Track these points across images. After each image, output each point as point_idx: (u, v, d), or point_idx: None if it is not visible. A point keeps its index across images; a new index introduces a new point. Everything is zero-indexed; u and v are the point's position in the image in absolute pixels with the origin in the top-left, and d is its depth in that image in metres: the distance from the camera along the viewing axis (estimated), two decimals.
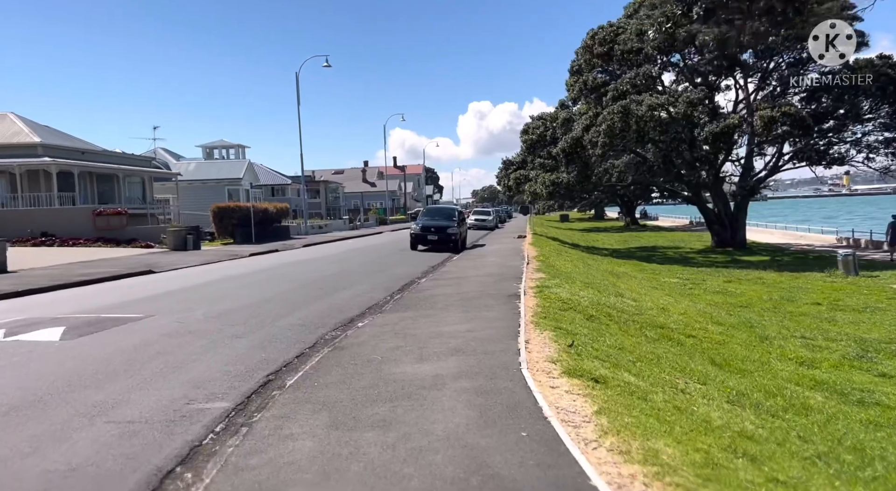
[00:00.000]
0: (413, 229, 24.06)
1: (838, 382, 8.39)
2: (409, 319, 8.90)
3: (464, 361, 6.12)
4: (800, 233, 38.53)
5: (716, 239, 31.28)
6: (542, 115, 33.57)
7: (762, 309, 14.93)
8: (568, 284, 12.46)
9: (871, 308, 14.33)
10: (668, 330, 10.05)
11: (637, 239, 41.04)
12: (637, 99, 26.02)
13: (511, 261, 17.55)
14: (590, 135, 26.88)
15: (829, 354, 10.06)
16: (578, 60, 30.59)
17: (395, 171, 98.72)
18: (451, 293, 11.32)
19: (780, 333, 11.56)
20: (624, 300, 11.82)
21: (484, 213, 45.59)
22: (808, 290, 17.71)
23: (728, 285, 19.11)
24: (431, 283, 13.35)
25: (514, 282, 12.46)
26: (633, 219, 61.40)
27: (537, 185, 29.51)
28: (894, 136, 26.57)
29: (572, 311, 9.58)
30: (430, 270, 16.57)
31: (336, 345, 7.50)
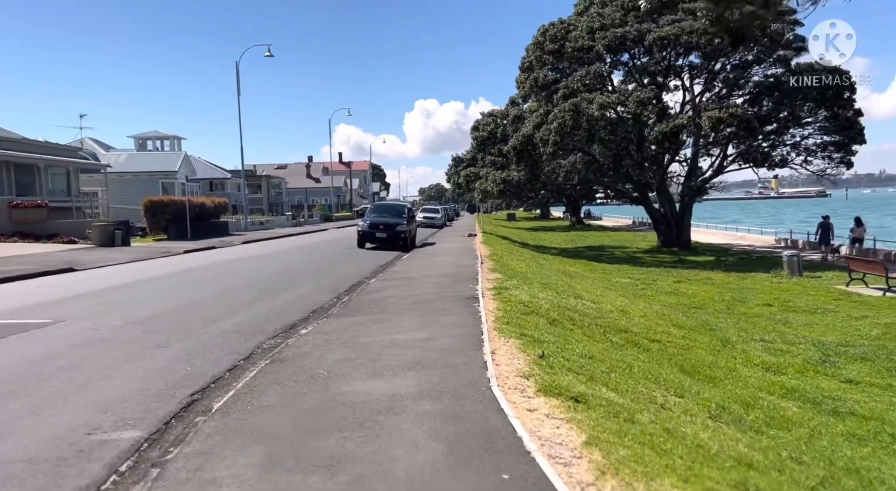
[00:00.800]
0: (360, 226, 23.10)
1: (808, 389, 8.06)
2: (359, 326, 8.05)
3: (425, 377, 5.35)
4: (740, 234, 39.55)
5: (662, 239, 31.58)
6: (492, 112, 33.13)
7: (716, 310, 14.78)
8: (526, 285, 11.86)
9: (822, 309, 14.37)
10: (632, 334, 9.57)
11: (584, 238, 41.20)
12: (588, 97, 25.84)
13: (464, 260, 16.87)
14: (541, 133, 26.54)
15: (791, 359, 9.81)
16: (529, 57, 30.24)
17: (341, 167, 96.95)
18: (404, 295, 10.52)
19: (740, 337, 11.29)
20: (584, 302, 11.30)
21: (432, 211, 44.88)
22: (757, 290, 17.78)
23: (679, 286, 19.03)
24: (382, 283, 12.50)
25: (471, 283, 11.76)
26: (578, 218, 61.98)
27: (488, 183, 29.01)
28: (831, 139, 27.37)
29: (534, 314, 8.95)
30: (380, 270, 15.71)
31: (275, 356, 6.59)
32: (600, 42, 26.74)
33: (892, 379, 8.66)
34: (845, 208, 79.59)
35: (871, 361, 9.65)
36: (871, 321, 12.66)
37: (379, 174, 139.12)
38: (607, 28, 27.01)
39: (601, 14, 28.31)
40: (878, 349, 10.37)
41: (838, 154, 28.25)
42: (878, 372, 9.05)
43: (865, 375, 8.85)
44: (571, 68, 28.29)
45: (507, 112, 31.06)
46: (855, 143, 26.68)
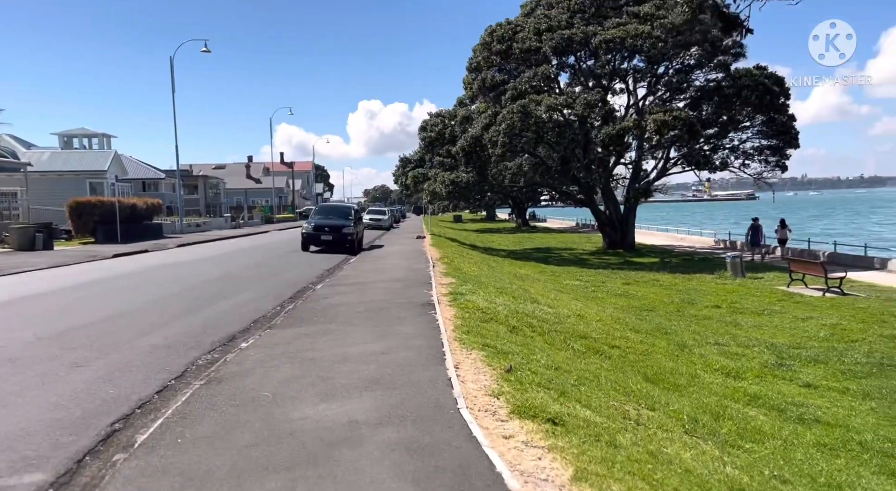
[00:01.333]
0: (305, 229, 22.18)
1: (770, 395, 7.93)
2: (307, 337, 7.39)
3: (384, 399, 4.78)
4: (680, 235, 40.52)
5: (607, 241, 31.90)
6: (440, 113, 32.69)
7: (667, 312, 14.77)
8: (482, 290, 11.43)
9: (768, 311, 14.56)
10: (592, 341, 9.26)
11: (530, 240, 41.32)
12: (536, 99, 25.75)
13: (416, 263, 16.32)
14: (490, 134, 26.28)
15: (748, 363, 9.74)
16: (477, 57, 29.98)
17: (283, 167, 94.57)
18: (355, 302, 9.89)
19: (695, 340, 11.20)
20: (541, 307, 10.96)
21: (379, 213, 44.05)
22: (704, 292, 17.98)
23: (628, 288, 19.06)
24: (329, 289, 11.81)
25: (424, 288, 11.23)
26: (524, 220, 62.37)
27: (437, 184, 28.54)
28: (768, 143, 28.26)
29: (494, 322, 8.51)
30: (327, 274, 14.97)
31: (212, 375, 5.88)
32: (547, 44, 26.73)
33: (847, 382, 8.66)
34: (773, 211, 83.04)
35: (824, 363, 9.68)
36: (816, 322, 12.86)
37: (322, 175, 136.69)
38: (554, 30, 27.03)
39: (548, 16, 28.33)
40: (829, 351, 10.45)
41: (774, 158, 29.23)
42: (833, 375, 9.06)
43: (821, 379, 8.83)
44: (519, 69, 28.18)
45: (455, 113, 30.70)
46: (790, 148, 27.67)
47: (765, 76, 26.28)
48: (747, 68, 26.91)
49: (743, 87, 25.61)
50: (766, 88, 25.72)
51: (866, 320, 12.84)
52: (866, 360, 9.68)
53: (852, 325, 12.46)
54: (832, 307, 14.71)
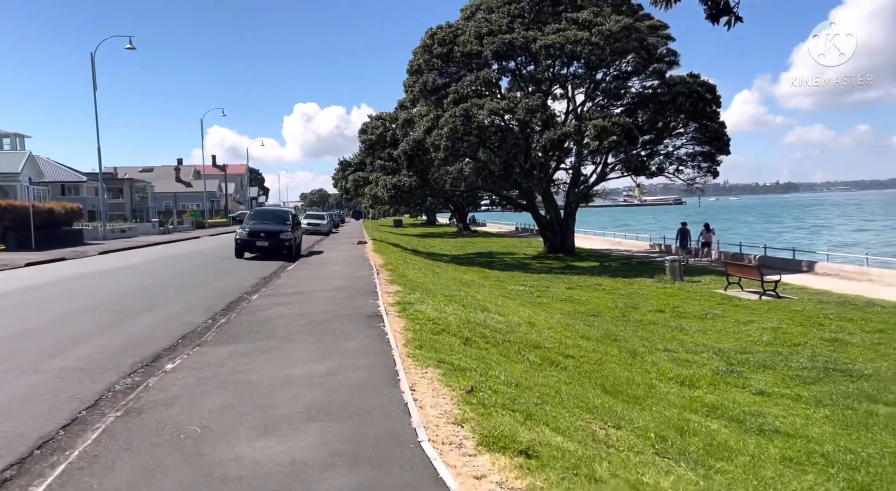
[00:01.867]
0: (238, 234, 21.07)
1: (727, 405, 7.79)
2: (242, 357, 6.69)
3: (333, 431, 4.21)
4: (617, 239, 41.32)
5: (548, 245, 32.06)
6: (381, 116, 32.05)
7: (613, 317, 14.71)
8: (430, 298, 10.93)
9: (710, 315, 14.72)
10: (545, 350, 8.93)
11: (472, 245, 41.17)
12: (478, 103, 25.55)
13: (359, 270, 15.65)
14: (432, 137, 25.88)
15: (699, 370, 9.65)
16: (418, 60, 29.53)
17: (215, 170, 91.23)
18: (295, 314, 9.18)
19: (645, 347, 11.09)
20: (491, 316, 10.57)
21: (317, 218, 42.82)
22: (646, 296, 18.12)
23: (572, 292, 19.01)
24: (267, 300, 11.02)
25: (370, 297, 10.63)
26: (465, 225, 62.32)
27: (378, 188, 27.86)
28: (700, 150, 29.10)
29: (446, 334, 8.03)
30: (263, 283, 14.11)
31: (130, 405, 5.13)
32: (489, 47, 26.59)
33: (797, 388, 8.66)
34: (699, 215, 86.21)
35: (773, 368, 9.70)
36: (758, 326, 13.04)
37: (257, 179, 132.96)
38: (495, 34, 26.94)
39: (488, 20, 28.23)
40: (774, 356, 10.53)
41: (706, 164, 30.14)
42: (783, 381, 9.06)
43: (773, 385, 8.81)
44: (460, 73, 27.94)
45: (396, 116, 30.13)
46: (721, 154, 28.59)
47: (698, 84, 27.06)
48: (681, 76, 27.65)
49: (678, 94, 26.26)
50: (700, 96, 26.47)
51: (804, 323, 13.13)
52: (812, 364, 9.77)
53: (792, 328, 12.70)
54: (770, 310, 15.03)
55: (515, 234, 59.14)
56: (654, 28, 27.49)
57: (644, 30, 26.45)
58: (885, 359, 9.96)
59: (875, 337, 11.54)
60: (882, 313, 13.86)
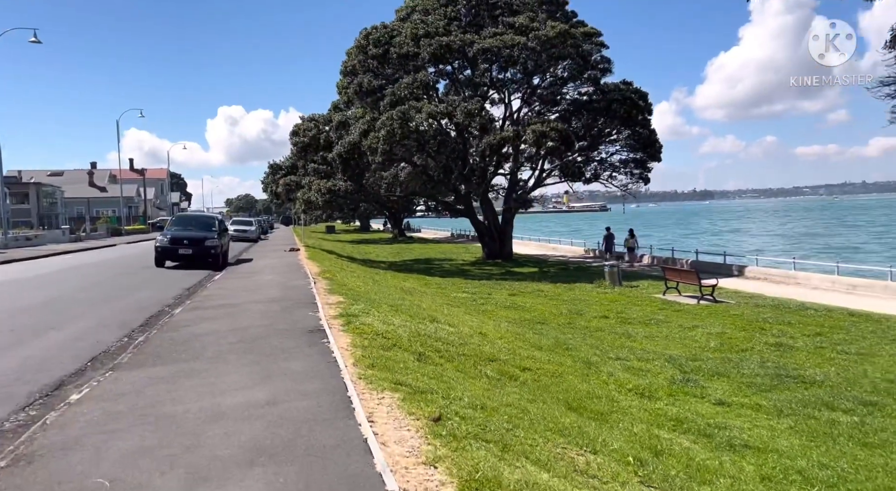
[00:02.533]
0: (159, 242, 19.52)
1: (690, 417, 7.49)
2: (164, 382, 5.77)
3: (281, 482, 3.46)
4: (552, 245, 41.70)
5: (486, 251, 31.83)
6: (314, 117, 30.87)
7: (559, 325, 14.42)
8: (375, 309, 10.20)
9: (654, 320, 14.68)
10: (501, 363, 8.40)
11: (409, 251, 40.48)
12: (416, 106, 24.99)
13: (294, 279, 14.67)
14: (369, 141, 25.09)
15: (655, 379, 9.38)
16: (352, 61, 28.67)
17: (133, 174, 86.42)
18: (225, 330, 8.24)
19: (598, 356, 10.77)
20: (441, 327, 9.95)
21: (245, 224, 40.94)
22: (589, 302, 18.02)
23: (515, 299, 18.70)
24: (192, 314, 9.96)
25: (309, 309, 9.78)
26: (400, 231, 61.50)
27: (312, 192, 26.73)
28: (633, 157, 29.66)
29: (398, 349, 7.36)
30: (188, 295, 12.93)
31: (20, 451, 4.17)
32: (426, 49, 26.10)
33: (755, 397, 8.50)
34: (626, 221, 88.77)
35: (726, 376, 9.56)
36: (703, 332, 13.04)
37: (179, 184, 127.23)
38: (432, 36, 26.48)
39: (424, 21, 27.75)
40: (725, 362, 10.44)
41: (637, 170, 30.75)
42: (739, 389, 8.90)
43: (731, 395, 8.62)
44: (396, 75, 27.29)
45: (330, 117, 29.11)
46: (653, 161, 29.21)
47: (631, 91, 27.54)
48: (615, 83, 28.08)
49: (613, 100, 26.62)
50: (633, 103, 26.94)
51: (746, 328, 13.24)
52: (763, 371, 9.70)
53: (736, 333, 12.76)
54: (711, 315, 15.16)
55: (451, 239, 58.88)
56: (588, 35, 27.81)
57: (579, 36, 26.68)
58: (830, 364, 10.03)
59: (816, 341, 11.71)
60: (816, 316, 14.21)
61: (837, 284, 18.52)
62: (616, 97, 26.63)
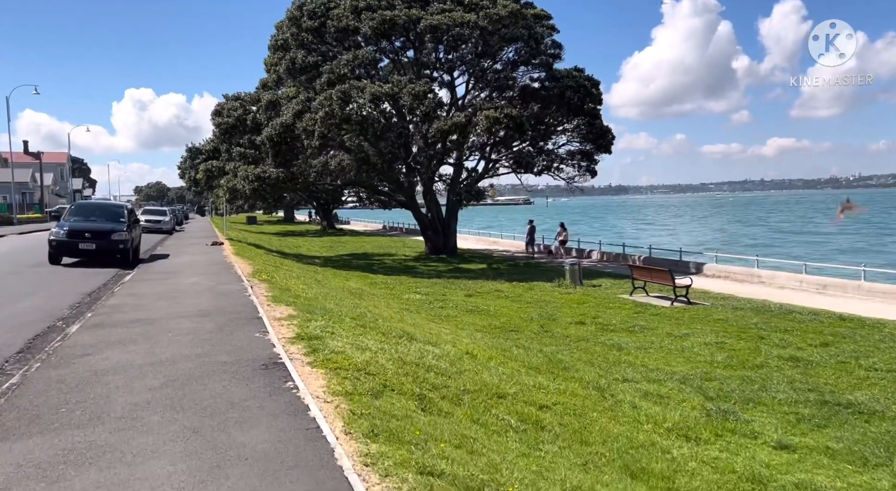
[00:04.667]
0: (54, 234, 16.33)
1: (763, 473, 5.95)
2: (41, 479, 3.51)
3: None
4: (493, 239, 40.30)
5: (429, 245, 29.92)
6: (239, 96, 27.84)
7: (534, 333, 12.77)
8: (337, 324, 8.08)
9: (637, 327, 13.28)
10: (512, 401, 6.58)
11: (342, 245, 37.90)
12: (358, 85, 22.66)
13: (224, 282, 12.18)
14: (304, 122, 22.54)
15: (683, 410, 7.81)
16: (283, 34, 25.87)
17: (28, 158, 78.48)
18: (141, 364, 5.92)
19: (602, 377, 9.15)
20: (423, 347, 7.97)
21: (158, 213, 37.02)
22: (555, 304, 16.51)
23: (474, 300, 16.94)
24: (94, 334, 7.46)
25: (254, 326, 7.53)
26: (330, 222, 58.38)
27: (238, 179, 23.83)
28: (584, 148, 28.53)
29: (391, 392, 5.37)
30: (89, 304, 10.26)
31: None
32: (367, 24, 23.75)
33: (816, 435, 7.08)
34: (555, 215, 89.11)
35: (762, 404, 8.15)
36: (698, 341, 11.72)
37: (82, 169, 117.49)
38: (374, 9, 24.16)
39: None
40: (748, 383, 9.06)
41: (585, 162, 29.69)
42: (789, 423, 7.47)
43: (785, 432, 7.15)
44: (334, 51, 24.80)
45: (258, 97, 26.20)
46: (604, 152, 28.18)
47: (584, 78, 26.32)
48: (567, 69, 26.74)
49: (566, 87, 25.27)
50: (587, 91, 25.73)
51: (743, 336, 12.05)
52: (799, 395, 8.37)
53: (736, 343, 11.51)
54: (694, 320, 13.95)
55: (384, 232, 56.56)
56: (539, 17, 26.30)
57: (530, 17, 25.13)
58: (868, 384, 8.84)
59: (828, 353, 10.60)
60: (808, 322, 13.25)
61: (806, 284, 17.92)
62: (570, 84, 25.30)
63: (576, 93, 25.35)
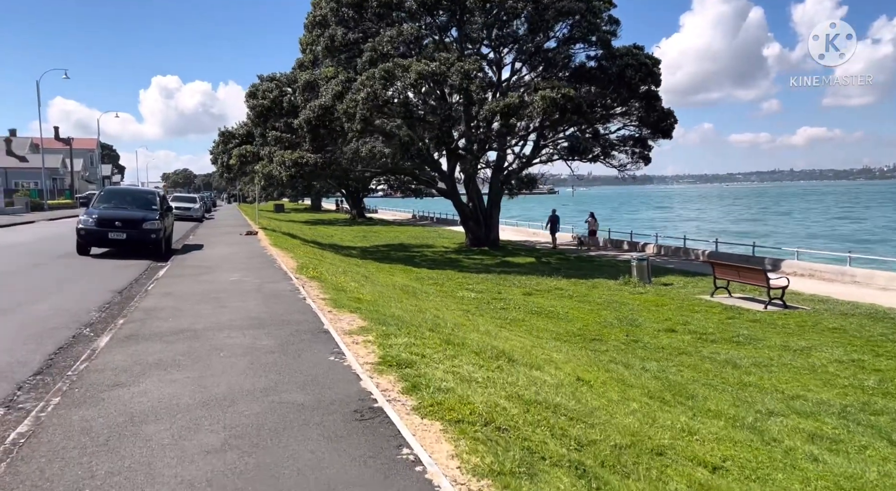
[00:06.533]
0: (83, 222, 15.05)
1: None
2: None
3: None
4: (532, 230, 38.50)
5: (470, 237, 28.28)
6: (274, 77, 26.38)
7: (620, 343, 11.09)
8: (421, 341, 6.49)
9: (742, 337, 11.48)
10: (677, 461, 4.95)
11: (375, 235, 36.44)
12: (403, 64, 20.96)
13: (270, 279, 10.68)
14: (344, 104, 20.95)
15: (877, 465, 6.08)
16: (322, 10, 24.24)
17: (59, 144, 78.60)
18: (190, 407, 4.35)
19: (743, 410, 7.45)
20: (531, 375, 6.35)
21: (188, 200, 35.96)
22: (628, 305, 14.79)
23: (536, 301, 15.29)
24: (127, 352, 5.95)
25: (323, 343, 5.95)
26: (359, 211, 56.99)
27: (274, 165, 22.41)
28: (639, 134, 26.52)
29: (541, 461, 3.73)
30: (120, 304, 8.83)
31: None
32: None
33: None
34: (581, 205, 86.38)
35: None
36: (826, 357, 9.92)
37: (111, 155, 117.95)
38: None
39: None
40: None
41: (638, 149, 27.68)
42: None
43: None
44: (376, 27, 23.12)
45: (294, 77, 24.71)
46: (664, 137, 26.15)
47: (645, 56, 24.26)
48: (626, 47, 24.67)
49: (626, 66, 23.25)
50: (649, 70, 23.71)
51: (878, 351, 10.19)
52: None
53: (875, 360, 9.69)
54: (803, 329, 12.12)
55: (414, 222, 55.04)
56: None
57: None
58: None
59: None
60: None
61: None
62: (630, 62, 23.26)
63: (637, 72, 23.33)
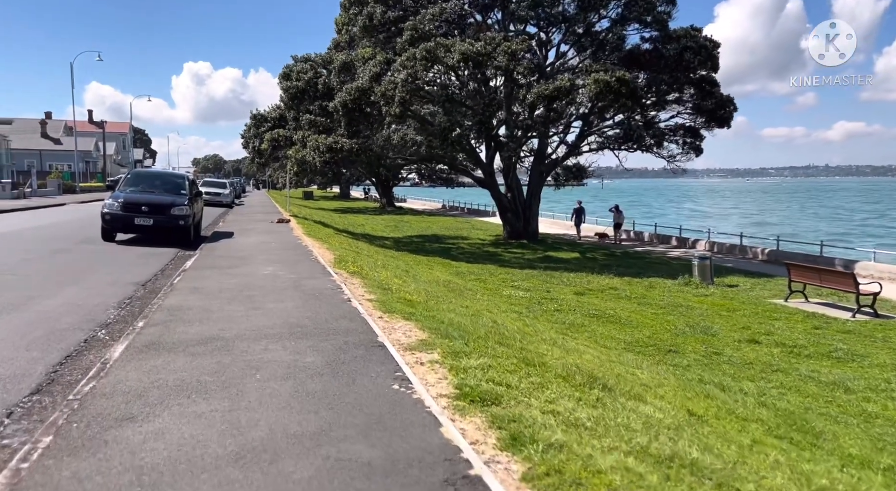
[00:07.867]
0: (109, 207, 14.17)
1: None
2: None
3: None
4: (570, 222, 37.00)
5: (508, 229, 27.00)
6: (308, 58, 25.33)
7: (700, 357, 9.76)
8: (495, 360, 5.27)
9: (841, 352, 10.06)
10: None
11: (407, 225, 35.33)
12: (445, 43, 19.67)
13: (307, 273, 9.57)
14: (382, 86, 19.76)
15: None
16: None
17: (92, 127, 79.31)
18: (219, 460, 3.17)
19: (878, 451, 6.09)
20: (638, 409, 5.11)
21: (218, 186, 35.26)
22: (697, 310, 13.40)
23: (590, 301, 14.00)
24: (144, 370, 4.82)
25: (380, 361, 4.72)
26: (389, 200, 55.96)
27: (308, 150, 21.35)
28: (693, 123, 24.83)
29: None
30: (141, 301, 7.79)
31: None
32: None
33: None
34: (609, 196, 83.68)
35: None
36: None
37: (143, 140, 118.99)
38: None
39: None
40: None
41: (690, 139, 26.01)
42: None
43: None
44: (417, 6, 21.84)
45: (330, 58, 23.60)
46: (722, 126, 24.44)
47: (705, 39, 22.56)
48: (684, 28, 22.97)
49: (685, 48, 21.62)
50: (708, 54, 22.02)
51: None
52: None
53: None
54: None
55: (444, 212, 53.85)
56: None
57: None
58: None
59: None
60: None
61: None
62: (689, 44, 21.62)
63: (696, 55, 21.68)
